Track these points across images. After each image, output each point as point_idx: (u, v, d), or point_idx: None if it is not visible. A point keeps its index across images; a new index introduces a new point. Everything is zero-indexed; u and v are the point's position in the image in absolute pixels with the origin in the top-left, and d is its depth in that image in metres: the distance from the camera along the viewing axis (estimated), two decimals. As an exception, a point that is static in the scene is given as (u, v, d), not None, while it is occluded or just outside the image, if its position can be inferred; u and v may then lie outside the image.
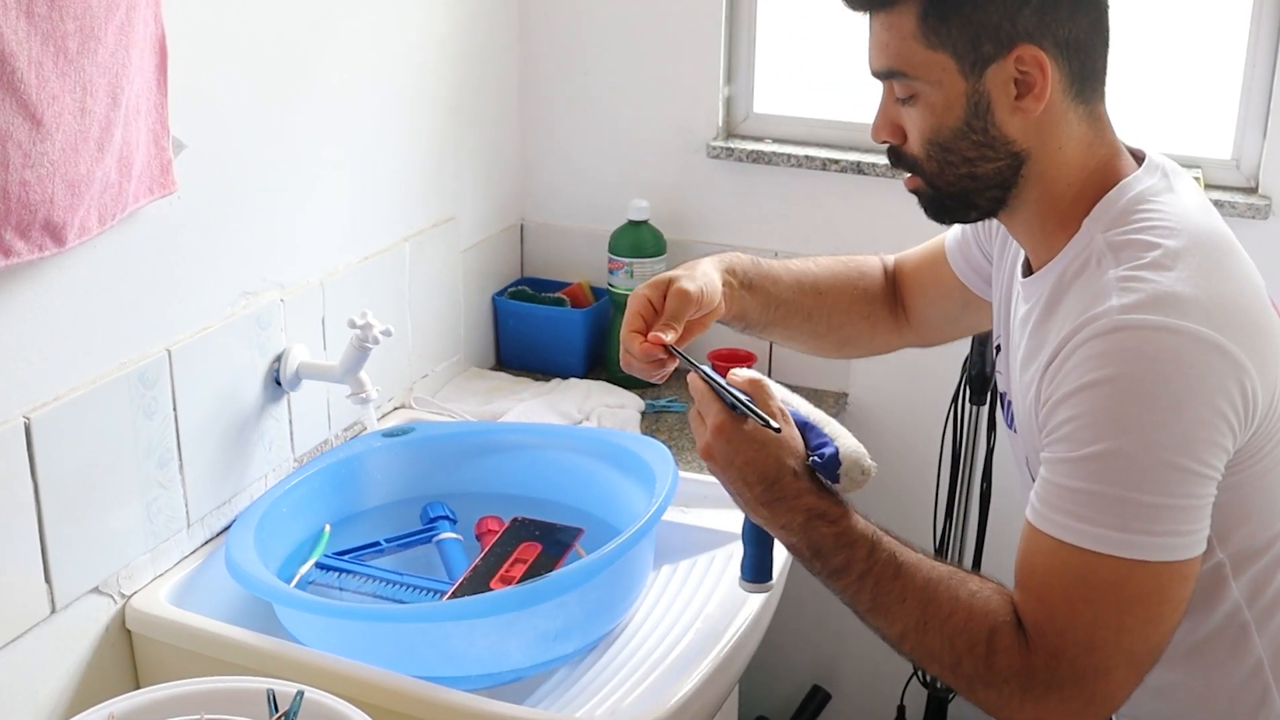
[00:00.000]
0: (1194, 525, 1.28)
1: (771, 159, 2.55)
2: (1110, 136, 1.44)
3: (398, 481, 2.11)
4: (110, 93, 1.55)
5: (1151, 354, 1.26)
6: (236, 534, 1.86)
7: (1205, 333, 1.27)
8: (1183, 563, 1.27)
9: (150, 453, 1.78)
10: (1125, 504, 1.26)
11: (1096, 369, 1.28)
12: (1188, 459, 1.26)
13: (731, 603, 1.83)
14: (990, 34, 1.35)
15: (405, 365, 2.37)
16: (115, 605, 1.78)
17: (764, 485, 1.37)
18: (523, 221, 2.78)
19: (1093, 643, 1.27)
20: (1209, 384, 1.26)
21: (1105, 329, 1.28)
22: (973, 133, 1.39)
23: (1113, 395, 1.27)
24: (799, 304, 1.75)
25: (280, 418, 2.04)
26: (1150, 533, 1.26)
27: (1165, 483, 1.26)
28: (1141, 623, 1.28)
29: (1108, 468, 1.27)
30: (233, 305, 1.91)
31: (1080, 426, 1.28)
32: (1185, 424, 1.26)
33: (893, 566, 1.35)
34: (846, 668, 2.84)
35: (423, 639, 1.71)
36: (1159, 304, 1.28)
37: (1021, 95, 1.37)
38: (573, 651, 1.78)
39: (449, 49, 2.41)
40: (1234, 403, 1.28)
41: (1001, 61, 1.36)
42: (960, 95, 1.38)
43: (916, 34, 1.37)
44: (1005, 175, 1.41)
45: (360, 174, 2.19)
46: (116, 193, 1.61)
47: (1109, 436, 1.27)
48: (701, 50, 2.57)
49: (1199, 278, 1.30)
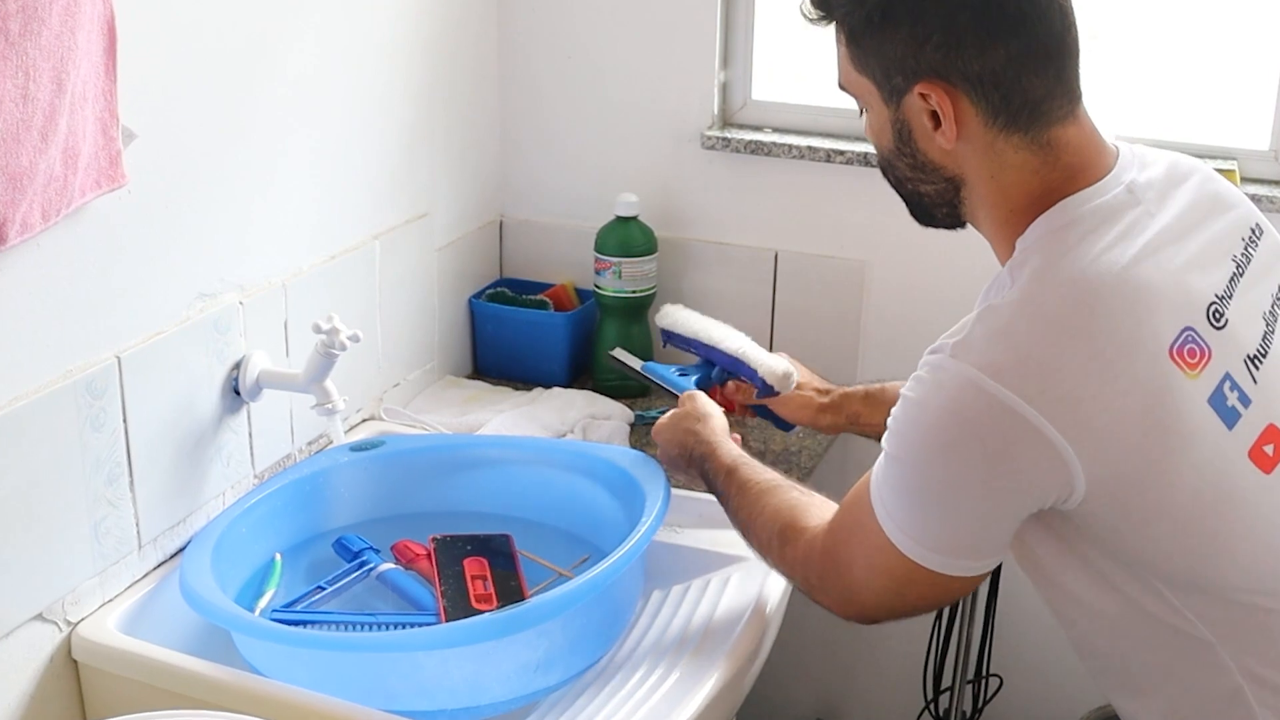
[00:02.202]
0: (959, 550, 1.47)
1: (771, 150, 2.55)
2: (1068, 159, 1.50)
3: (367, 500, 2.11)
4: (55, 78, 1.55)
5: (952, 400, 1.41)
6: (192, 556, 1.86)
7: (1017, 406, 1.37)
8: (916, 565, 1.47)
9: (98, 468, 1.78)
10: (899, 499, 1.48)
11: (913, 386, 1.46)
12: (957, 503, 1.45)
13: (729, 631, 1.84)
14: (897, 67, 1.49)
15: (375, 373, 2.38)
16: (60, 634, 1.78)
17: (686, 451, 1.91)
18: (502, 217, 2.78)
19: (837, 547, 1.58)
20: (997, 453, 1.40)
21: (932, 349, 1.46)
22: (904, 155, 1.55)
23: (906, 412, 1.46)
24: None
25: (239, 430, 2.04)
26: (906, 532, 1.47)
27: (927, 505, 1.46)
28: (881, 585, 1.53)
29: (889, 469, 1.49)
30: (188, 308, 1.91)
31: (889, 430, 1.49)
32: (954, 470, 1.43)
33: (736, 483, 1.78)
34: (852, 701, 2.83)
35: (393, 670, 1.71)
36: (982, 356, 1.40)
37: (935, 126, 1.49)
38: (556, 684, 1.78)
39: (423, 30, 2.41)
40: (1029, 478, 1.40)
41: (909, 94, 1.49)
42: (886, 120, 1.54)
43: (848, 56, 1.54)
44: (947, 196, 1.56)
45: (326, 166, 2.20)
46: (61, 186, 1.61)
47: (896, 446, 1.48)
48: (695, 31, 2.57)
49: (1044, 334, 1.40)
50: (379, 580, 1.95)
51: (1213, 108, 2.45)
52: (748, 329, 2.52)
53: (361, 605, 1.92)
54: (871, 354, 2.60)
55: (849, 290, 2.59)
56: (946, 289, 2.43)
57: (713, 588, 1.95)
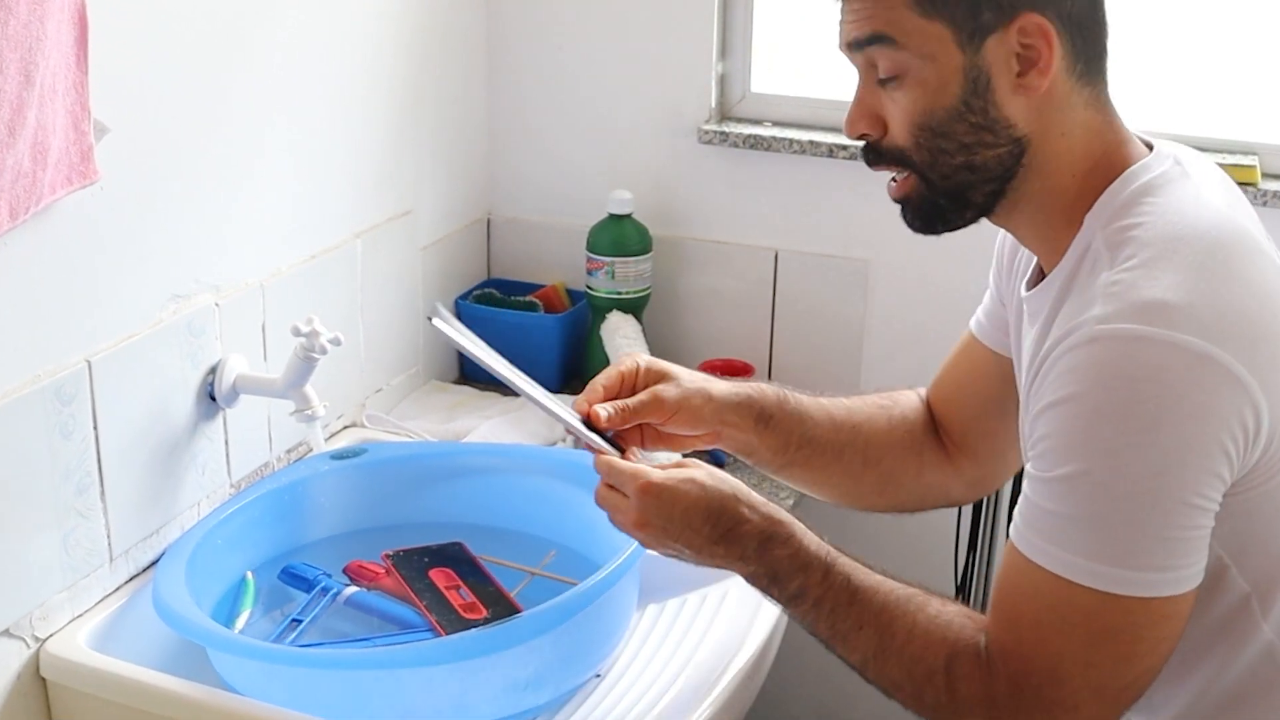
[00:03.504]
0: (1175, 560, 1.30)
1: (771, 144, 2.56)
2: (1119, 124, 1.47)
3: (348, 510, 2.11)
4: (23, 70, 1.55)
5: (1128, 369, 1.28)
6: (165, 569, 1.86)
7: (1196, 343, 1.27)
8: (1163, 600, 1.30)
9: (68, 477, 1.79)
10: (1094, 531, 1.29)
11: (1067, 384, 1.31)
12: (1166, 486, 1.28)
13: (726, 648, 1.84)
14: (990, 0, 1.38)
15: (357, 378, 2.38)
16: (28, 650, 1.78)
17: (711, 522, 1.43)
18: (489, 215, 2.79)
19: (1058, 675, 1.31)
20: (1195, 402, 1.27)
21: (1081, 340, 1.31)
22: (971, 114, 1.41)
23: (1081, 414, 1.30)
24: (828, 441, 1.73)
25: (215, 438, 2.05)
26: (1121, 565, 1.29)
27: (1138, 511, 1.28)
28: (1113, 660, 1.31)
29: (1075, 492, 1.30)
30: (161, 310, 1.92)
31: (1049, 448, 1.32)
32: (1164, 447, 1.27)
33: (848, 591, 1.40)
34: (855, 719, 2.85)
35: (376, 688, 1.72)
36: (1142, 312, 1.29)
37: (1024, 71, 1.40)
38: (546, 703, 1.78)
39: (407, 21, 2.42)
40: (1228, 423, 1.28)
41: (1003, 32, 1.39)
42: (957, 70, 1.40)
43: (908, 2, 1.39)
44: (1006, 165, 1.43)
45: (306, 162, 2.20)
46: (30, 183, 1.62)
47: (1077, 459, 1.30)
48: (692, 21, 2.58)
49: (1196, 281, 1.31)
50: (348, 605, 1.94)
51: (1233, 102, 2.46)
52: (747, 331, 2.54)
53: (337, 633, 1.91)
54: (876, 358, 2.60)
55: (853, 291, 2.59)
56: (955, 289, 2.43)
57: (709, 602, 1.96)
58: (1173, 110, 2.47)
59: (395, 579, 1.96)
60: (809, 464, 1.73)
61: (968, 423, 1.79)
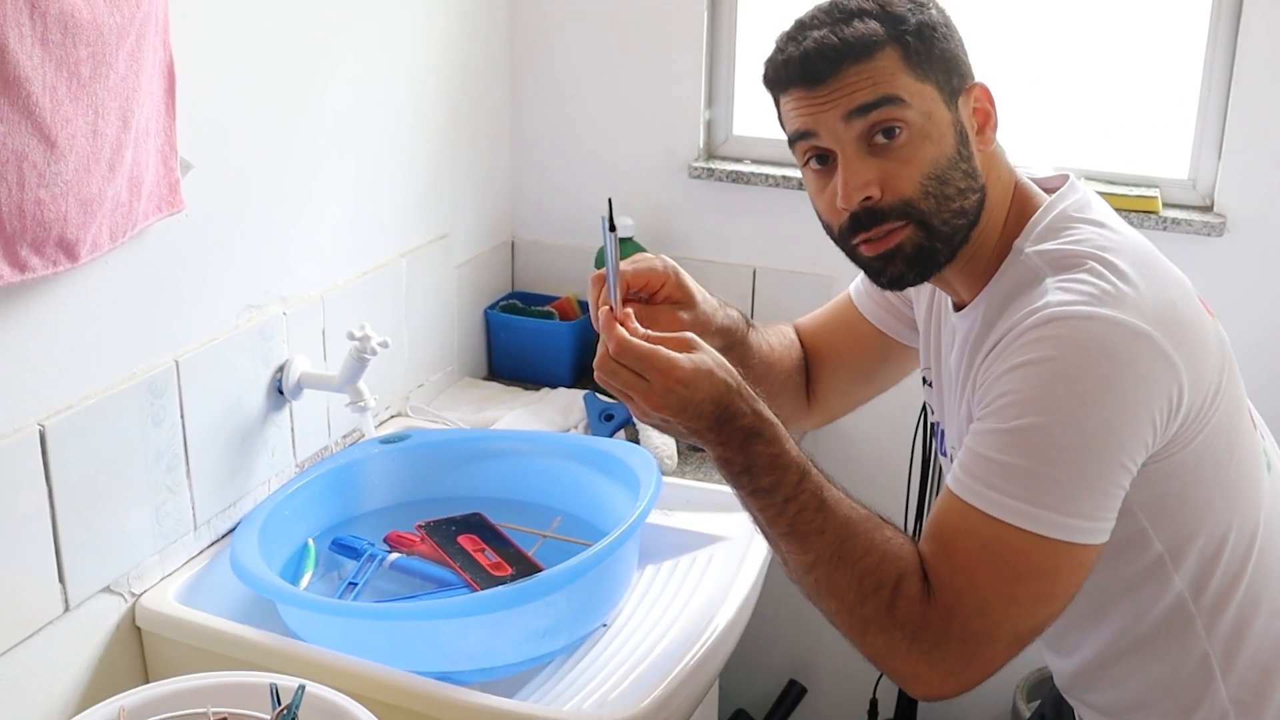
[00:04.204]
0: (1100, 513, 1.28)
1: (750, 179, 2.56)
2: (1013, 168, 1.48)
3: (394, 486, 2.11)
4: (121, 116, 1.55)
5: (1083, 341, 1.27)
6: (241, 536, 1.86)
7: (1137, 324, 1.28)
8: (1081, 547, 1.28)
9: (159, 459, 1.79)
10: (1039, 479, 1.27)
11: (1029, 352, 1.29)
12: (1106, 443, 1.27)
13: (713, 601, 1.84)
14: (955, 68, 1.40)
15: (402, 375, 2.38)
16: (125, 604, 1.78)
17: (716, 412, 1.33)
18: (513, 238, 2.78)
19: (985, 609, 1.28)
20: (1136, 373, 1.27)
21: (1041, 320, 1.30)
22: (962, 161, 1.39)
23: (1041, 375, 1.28)
24: (759, 372, 1.68)
25: (282, 425, 2.04)
26: (1057, 510, 1.26)
27: (1081, 463, 1.27)
28: (1032, 598, 1.29)
29: (1027, 442, 1.27)
30: (237, 318, 1.92)
31: (1008, 403, 1.29)
32: (1109, 409, 1.27)
33: (817, 498, 1.33)
34: (822, 663, 2.84)
35: (418, 636, 1.72)
36: (1094, 299, 1.29)
37: (981, 129, 1.41)
38: (561, 648, 1.78)
39: (444, 77, 2.41)
40: (1159, 397, 1.28)
41: (966, 94, 1.41)
42: (949, 125, 1.38)
43: (903, 69, 1.36)
44: (977, 210, 1.42)
45: (359, 193, 2.20)
46: (127, 211, 1.62)
47: (1033, 413, 1.27)
48: (683, 76, 2.58)
49: (1132, 278, 1.32)
50: (393, 569, 1.93)
51: (1137, 139, 2.46)
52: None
53: (386, 593, 1.90)
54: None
55: (818, 301, 2.54)
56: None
57: (699, 563, 1.95)
58: (1086, 149, 2.47)
59: (430, 545, 1.95)
60: None
61: (837, 383, 1.76)
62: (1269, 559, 1.43)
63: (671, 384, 1.31)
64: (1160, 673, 1.44)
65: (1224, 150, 2.30)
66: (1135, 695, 1.47)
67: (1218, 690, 1.42)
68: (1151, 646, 1.43)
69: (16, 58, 1.39)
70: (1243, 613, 1.42)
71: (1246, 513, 1.41)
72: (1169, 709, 1.45)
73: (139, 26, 1.55)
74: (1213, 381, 1.35)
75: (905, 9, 1.38)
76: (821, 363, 1.77)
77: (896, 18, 1.37)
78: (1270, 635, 1.43)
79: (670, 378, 1.31)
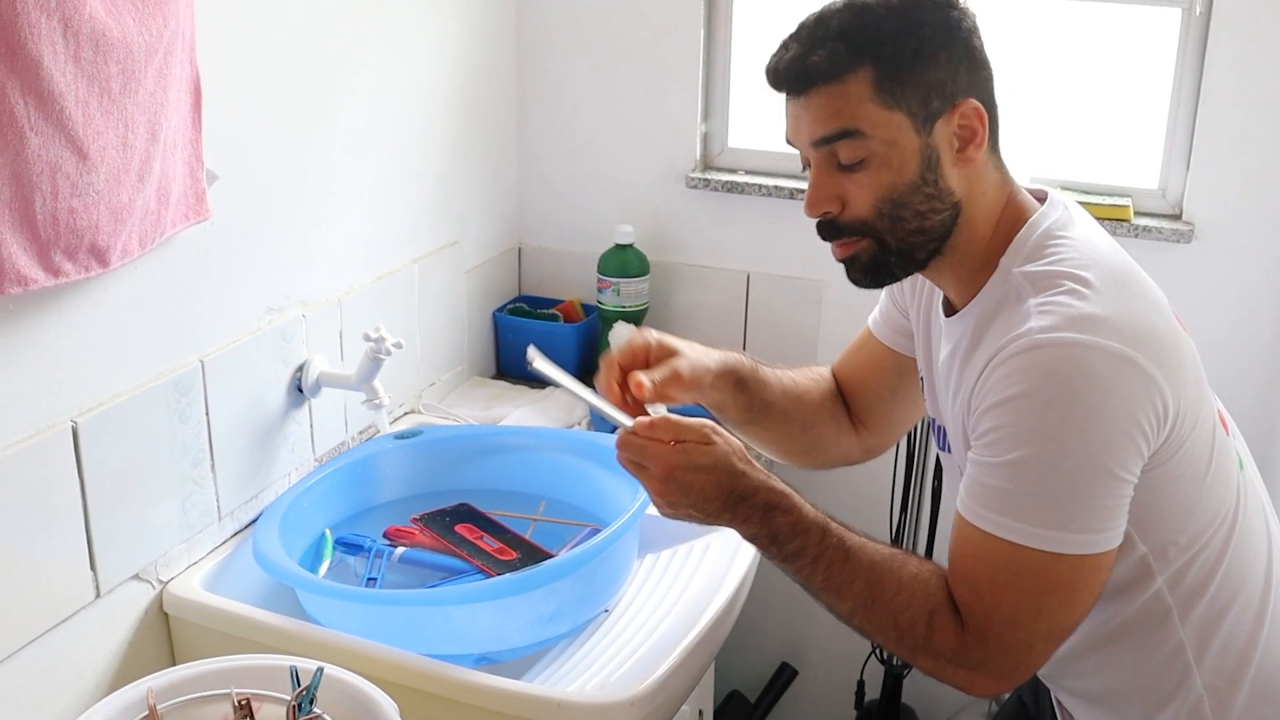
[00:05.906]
0: (1108, 523, 1.30)
1: (744, 189, 2.56)
2: (1010, 177, 1.46)
3: (408, 479, 2.11)
4: (150, 129, 1.56)
5: (1067, 369, 1.27)
6: (263, 526, 1.86)
7: (1117, 348, 1.27)
8: (1097, 555, 1.30)
9: (185, 453, 1.79)
10: (1046, 502, 1.28)
11: (1015, 384, 1.28)
12: (1104, 462, 1.28)
13: (709, 588, 1.84)
14: (938, 91, 1.37)
15: (414, 374, 2.38)
16: (154, 591, 1.78)
17: (723, 497, 1.36)
18: (520, 245, 2.79)
19: (1015, 622, 1.30)
20: (1121, 395, 1.27)
21: (1024, 348, 1.29)
22: (925, 185, 1.38)
23: (1030, 408, 1.28)
24: (780, 407, 1.70)
25: (302, 421, 2.05)
26: (1067, 529, 1.28)
27: (1082, 484, 1.28)
28: (1057, 606, 1.31)
29: (1030, 471, 1.28)
30: (259, 320, 1.92)
31: (1001, 437, 1.30)
32: (1101, 431, 1.27)
33: (841, 551, 1.36)
34: (812, 646, 2.85)
35: (430, 621, 1.72)
36: (1074, 324, 1.28)
37: (963, 147, 1.39)
38: (565, 632, 1.79)
39: (454, 92, 2.42)
40: (1145, 411, 1.28)
41: (948, 116, 1.37)
42: (915, 152, 1.37)
43: (872, 97, 1.35)
44: (947, 226, 1.41)
45: (374, 202, 2.20)
46: (155, 219, 1.62)
47: (1027, 445, 1.28)
48: (681, 91, 2.58)
49: (1110, 300, 1.31)
50: (401, 562, 1.92)
51: (1108, 150, 2.46)
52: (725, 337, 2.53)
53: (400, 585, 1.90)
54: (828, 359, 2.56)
55: (809, 306, 2.59)
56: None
57: (695, 552, 1.96)
58: (1060, 160, 2.47)
59: (431, 536, 1.95)
60: (764, 424, 1.70)
61: (870, 404, 1.76)
62: (1242, 553, 1.43)
63: (665, 478, 1.36)
64: (1138, 661, 1.44)
65: (1192, 162, 2.30)
66: (1113, 682, 1.47)
67: (1193, 677, 1.42)
68: (1129, 637, 1.43)
69: (51, 74, 1.39)
70: (1217, 604, 1.42)
71: (1223, 511, 1.42)
72: (1146, 695, 1.45)
73: (167, 45, 1.55)
74: (1192, 394, 1.35)
75: (893, 29, 1.36)
76: (852, 389, 1.78)
77: (875, 41, 1.35)
78: (1243, 624, 1.43)
79: (664, 472, 1.36)
